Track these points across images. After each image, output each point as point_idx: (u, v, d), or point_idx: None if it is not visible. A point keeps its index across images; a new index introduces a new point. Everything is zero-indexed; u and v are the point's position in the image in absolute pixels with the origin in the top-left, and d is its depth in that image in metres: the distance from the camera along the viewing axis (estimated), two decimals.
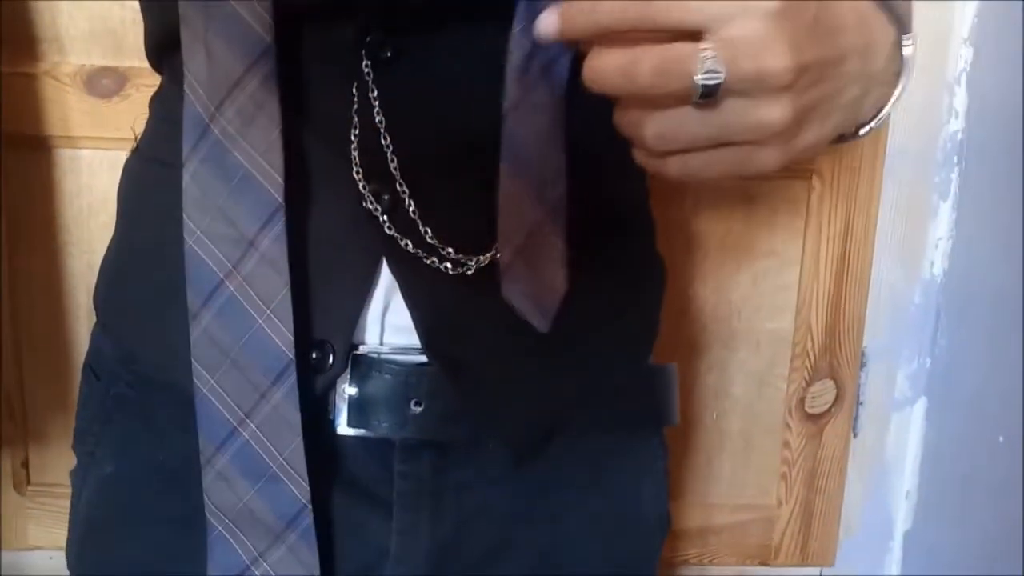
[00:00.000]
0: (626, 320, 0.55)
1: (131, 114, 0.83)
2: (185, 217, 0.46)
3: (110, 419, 0.54)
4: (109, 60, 0.85)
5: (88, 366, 0.58)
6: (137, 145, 0.56)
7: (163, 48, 0.52)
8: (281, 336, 0.46)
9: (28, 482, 0.92)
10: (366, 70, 0.46)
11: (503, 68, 0.46)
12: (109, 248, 0.57)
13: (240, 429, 0.47)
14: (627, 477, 0.57)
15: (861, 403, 1.01)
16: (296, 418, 0.46)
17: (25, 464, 0.91)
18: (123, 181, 0.57)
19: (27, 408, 0.90)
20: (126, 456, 0.54)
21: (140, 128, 0.57)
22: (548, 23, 0.39)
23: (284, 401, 0.46)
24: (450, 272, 0.48)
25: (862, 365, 0.99)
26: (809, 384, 0.99)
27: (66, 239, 0.88)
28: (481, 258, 0.49)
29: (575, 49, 0.46)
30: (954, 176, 0.94)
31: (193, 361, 0.47)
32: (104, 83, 0.85)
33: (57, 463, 0.91)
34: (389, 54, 0.46)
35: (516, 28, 0.45)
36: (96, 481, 0.55)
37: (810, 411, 0.99)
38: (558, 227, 0.48)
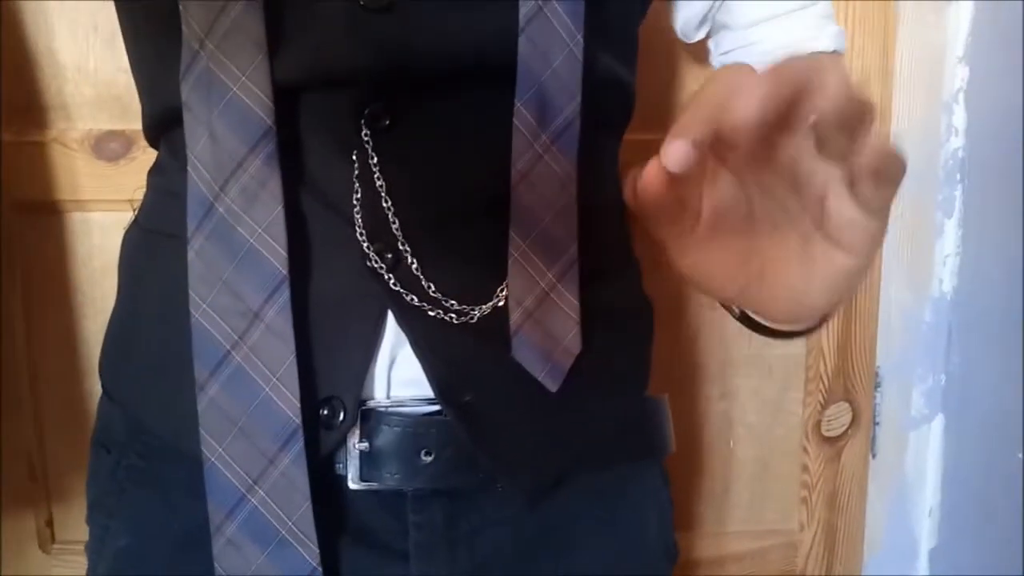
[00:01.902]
0: (620, 360, 0.56)
1: (139, 176, 0.84)
2: (191, 292, 0.47)
3: (123, 491, 0.55)
4: (115, 124, 0.86)
5: (97, 439, 0.58)
6: (136, 218, 0.58)
7: (160, 127, 0.53)
8: (288, 403, 0.46)
9: (53, 540, 0.93)
10: (365, 138, 0.48)
11: (499, 130, 0.47)
12: (112, 319, 0.58)
13: (249, 496, 0.47)
14: (632, 510, 0.58)
15: (878, 423, 1.00)
16: (304, 482, 0.47)
17: (50, 523, 0.92)
18: (124, 252, 0.58)
19: (48, 468, 0.91)
20: (140, 528, 0.54)
21: (138, 199, 0.58)
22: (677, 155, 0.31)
23: (292, 466, 0.47)
24: (455, 322, 0.49)
25: (877, 386, 0.99)
26: (824, 407, 0.98)
27: (81, 300, 0.90)
28: (484, 306, 0.50)
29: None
30: (958, 193, 0.94)
31: (201, 431, 0.47)
32: (111, 147, 0.86)
33: (80, 521, 0.91)
34: (387, 122, 0.48)
35: (519, 101, 0.46)
36: (112, 554, 0.55)
37: (827, 434, 0.99)
38: (571, 287, 0.50)
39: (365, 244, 0.48)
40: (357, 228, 0.48)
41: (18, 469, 0.90)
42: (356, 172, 0.48)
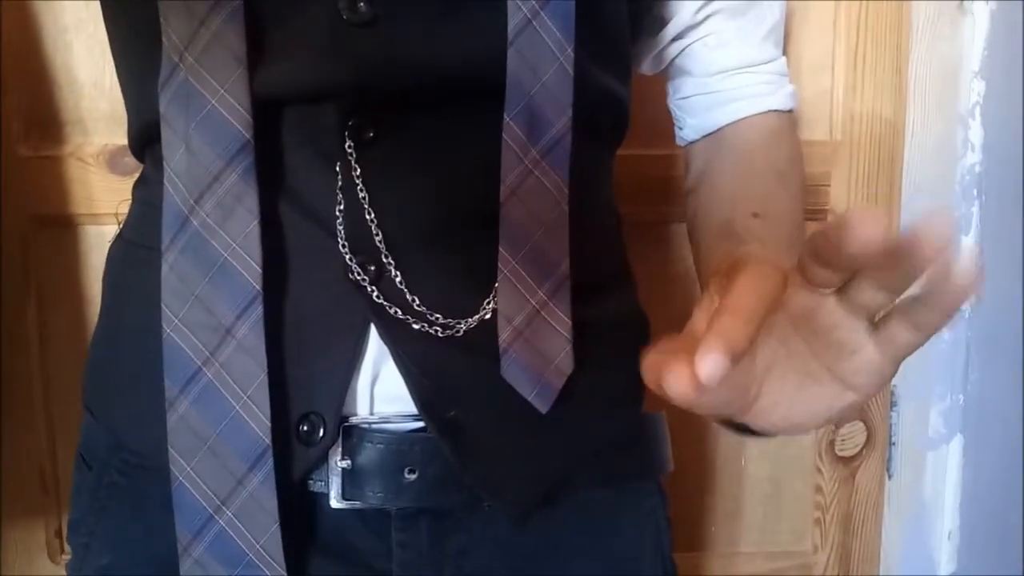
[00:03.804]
0: (613, 376, 0.55)
1: None
2: (163, 306, 0.47)
3: (103, 509, 0.55)
4: None
5: (79, 456, 0.58)
6: (120, 231, 0.58)
7: (143, 139, 0.53)
8: (258, 422, 0.46)
9: (62, 551, 0.93)
10: (349, 151, 0.47)
11: (487, 144, 0.47)
12: (95, 334, 0.58)
13: (216, 517, 0.47)
14: (626, 530, 0.57)
15: (894, 443, 0.98)
16: (273, 504, 0.46)
17: (59, 534, 0.92)
18: (108, 267, 0.58)
19: (60, 479, 0.92)
20: (120, 547, 0.54)
21: (123, 213, 0.58)
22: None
23: (261, 487, 0.46)
24: (440, 335, 0.49)
25: (892, 405, 0.97)
26: (838, 426, 0.97)
27: (94, 313, 0.89)
28: (469, 320, 0.49)
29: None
30: (974, 209, 0.93)
31: (170, 448, 0.47)
32: (126, 161, 0.87)
33: None
34: (371, 135, 0.47)
35: (508, 115, 0.46)
36: (92, 574, 0.55)
37: (841, 453, 0.97)
38: (563, 305, 0.49)
39: (348, 256, 0.48)
40: (340, 240, 0.48)
41: (30, 480, 0.91)
42: (339, 184, 0.47)
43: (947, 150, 0.92)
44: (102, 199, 0.88)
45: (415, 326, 0.48)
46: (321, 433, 0.48)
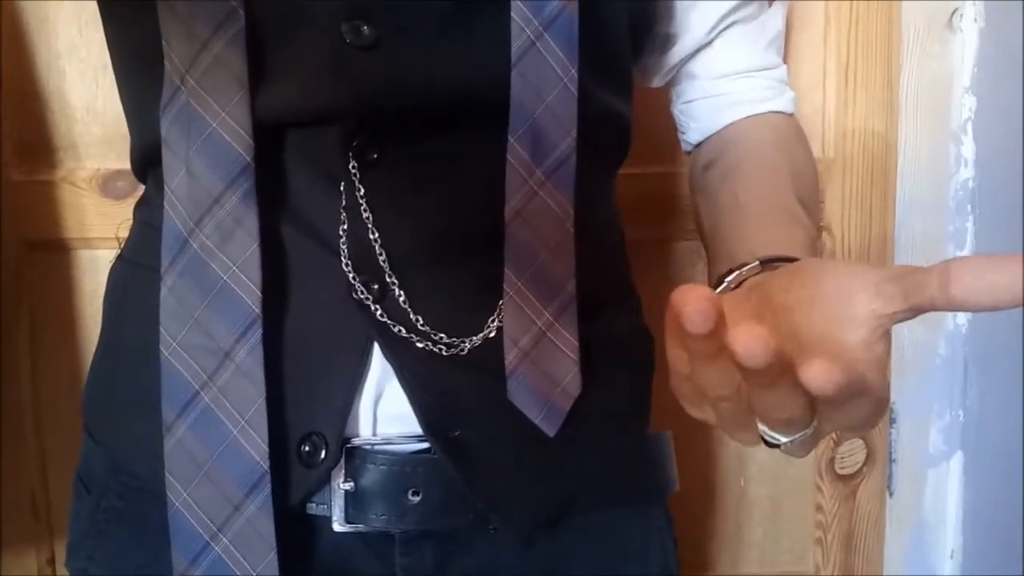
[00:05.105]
0: (620, 396, 0.55)
1: None
2: (162, 329, 0.46)
3: (102, 532, 0.54)
4: (123, 163, 0.86)
5: (79, 478, 0.57)
6: (121, 252, 0.57)
7: (145, 161, 0.53)
8: (256, 447, 0.45)
9: None
10: (352, 171, 0.47)
11: (491, 164, 0.47)
12: (95, 355, 0.58)
13: (213, 544, 0.46)
14: (633, 551, 0.56)
15: (894, 461, 0.98)
16: (271, 531, 0.46)
17: (51, 562, 0.91)
18: (108, 287, 0.57)
19: (51, 506, 0.91)
20: (119, 570, 0.53)
21: (124, 234, 0.58)
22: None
23: (258, 513, 0.45)
24: (444, 354, 0.48)
25: (892, 422, 0.97)
26: (838, 444, 0.96)
27: (87, 337, 0.90)
28: (473, 338, 0.49)
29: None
30: (969, 224, 0.93)
31: (167, 474, 0.46)
32: (118, 185, 0.87)
33: None
34: (375, 156, 0.47)
35: (512, 137, 0.46)
36: None
37: (841, 472, 0.97)
38: (569, 326, 0.49)
39: (351, 275, 0.47)
40: (343, 259, 0.47)
41: (22, 507, 0.90)
42: (343, 204, 0.47)
43: (940, 165, 0.93)
44: (95, 224, 0.88)
45: (419, 345, 0.48)
46: (323, 455, 0.48)
